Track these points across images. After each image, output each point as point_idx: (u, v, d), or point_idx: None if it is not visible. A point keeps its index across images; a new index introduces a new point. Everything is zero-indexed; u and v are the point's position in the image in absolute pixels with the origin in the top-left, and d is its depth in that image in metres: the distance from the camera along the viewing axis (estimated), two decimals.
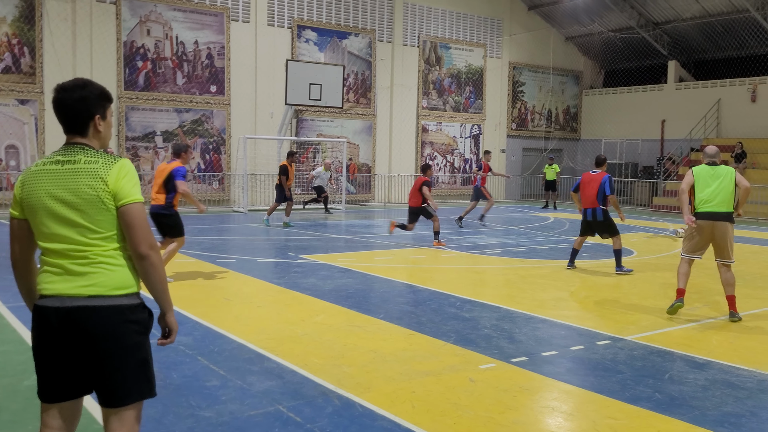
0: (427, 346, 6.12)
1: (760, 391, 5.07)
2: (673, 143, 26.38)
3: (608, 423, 4.45)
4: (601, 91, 29.79)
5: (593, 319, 7.37)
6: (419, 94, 24.81)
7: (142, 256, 2.72)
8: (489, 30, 26.66)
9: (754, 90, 24.32)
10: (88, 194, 2.69)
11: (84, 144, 2.82)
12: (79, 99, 2.79)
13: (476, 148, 26.55)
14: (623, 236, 15.33)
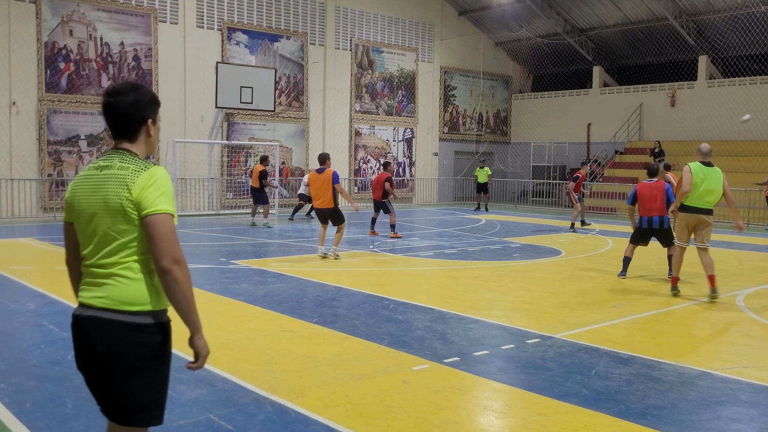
0: (361, 349, 6.11)
1: (681, 383, 5.27)
2: (599, 146, 27.23)
3: (538, 420, 4.54)
4: (530, 95, 30.51)
5: (524, 319, 7.52)
6: (352, 97, 24.84)
7: (165, 270, 2.54)
8: (420, 35, 26.94)
9: (673, 95, 25.36)
10: (114, 202, 2.59)
11: (128, 150, 2.72)
12: (132, 103, 2.69)
13: (409, 152, 26.75)
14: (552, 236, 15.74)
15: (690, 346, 6.42)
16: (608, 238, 15.60)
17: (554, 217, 22.20)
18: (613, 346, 6.33)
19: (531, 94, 30.61)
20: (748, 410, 4.75)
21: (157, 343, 2.65)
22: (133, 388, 2.62)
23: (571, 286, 9.52)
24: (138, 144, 2.74)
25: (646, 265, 11.48)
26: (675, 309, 8.05)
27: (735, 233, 12.97)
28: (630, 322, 7.33)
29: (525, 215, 22.52)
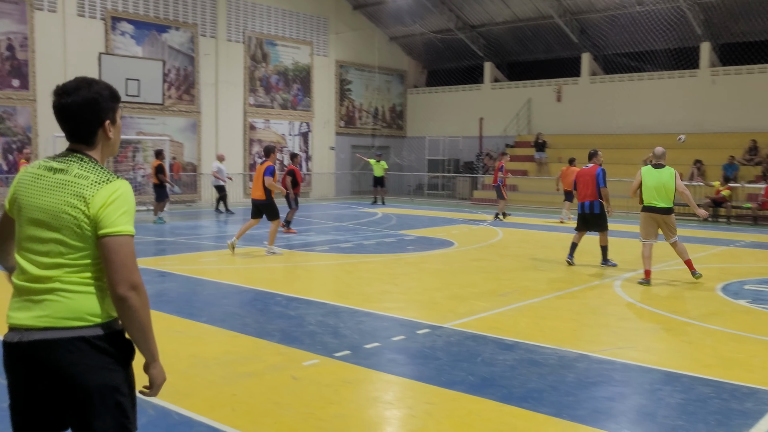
0: (251, 347, 6.01)
1: (561, 366, 5.50)
2: (491, 140, 28.03)
3: (425, 408, 4.62)
4: (424, 90, 30.98)
5: (415, 310, 7.63)
6: (246, 91, 24.37)
7: (120, 297, 2.27)
8: (315, 28, 26.77)
9: (559, 91, 26.45)
10: (65, 214, 2.29)
11: (87, 155, 2.40)
12: (85, 103, 2.37)
13: (305, 146, 26.58)
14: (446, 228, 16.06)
15: (570, 331, 6.72)
16: (499, 229, 16.09)
17: (449, 209, 22.68)
18: (499, 333, 6.53)
19: (425, 88, 31.10)
20: (621, 389, 5.02)
21: (124, 359, 2.39)
22: (102, 414, 2.32)
23: (462, 276, 9.75)
24: (96, 148, 2.43)
25: (534, 254, 11.92)
26: (558, 295, 8.40)
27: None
28: (516, 310, 7.59)
29: (421, 208, 22.88)
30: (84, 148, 2.41)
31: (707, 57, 23.20)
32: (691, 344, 6.26)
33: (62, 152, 2.45)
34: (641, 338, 6.47)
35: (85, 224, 2.28)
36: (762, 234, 16.07)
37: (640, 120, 24.08)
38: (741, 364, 5.60)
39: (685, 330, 6.73)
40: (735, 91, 22.33)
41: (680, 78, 23.62)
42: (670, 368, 5.49)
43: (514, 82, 28.16)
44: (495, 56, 29.00)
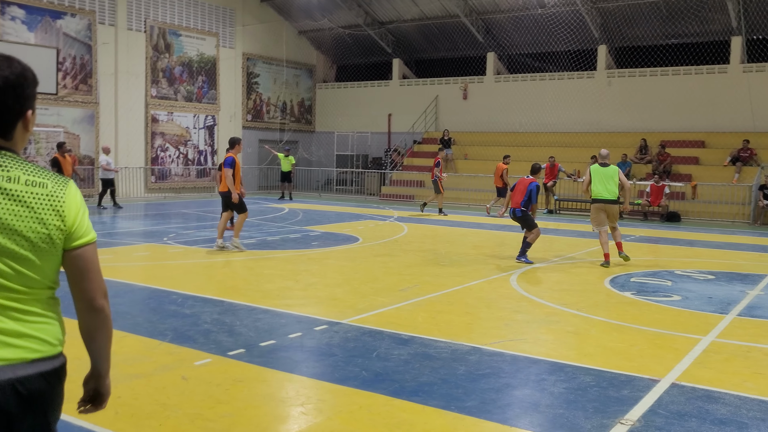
0: (140, 347, 5.82)
1: (453, 359, 5.62)
2: (399, 136, 28.29)
3: (316, 405, 4.61)
4: (333, 85, 30.91)
5: (314, 306, 7.60)
6: (148, 82, 23.57)
7: (99, 308, 2.09)
8: (221, 19, 26.20)
9: (465, 89, 26.99)
10: (36, 232, 1.93)
11: (9, 150, 1.98)
12: (7, 86, 1.92)
13: (211, 140, 25.99)
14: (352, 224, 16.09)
15: (465, 324, 6.87)
16: (405, 224, 16.27)
17: (357, 205, 22.75)
18: (396, 328, 6.60)
19: (335, 83, 31.03)
20: (509, 380, 5.17)
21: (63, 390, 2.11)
22: None
23: (364, 272, 9.79)
24: (15, 142, 2.00)
25: (437, 248, 12.12)
26: (457, 290, 8.58)
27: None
28: (414, 305, 7.68)
29: (329, 204, 22.83)
30: (1, 142, 1.97)
31: (604, 59, 24.25)
32: (577, 335, 6.53)
33: None
34: (531, 330, 6.70)
35: (60, 240, 1.99)
36: (650, 228, 16.97)
37: (542, 118, 24.90)
38: (621, 354, 5.88)
39: (573, 321, 7.01)
40: (628, 93, 23.46)
41: (579, 79, 24.58)
42: (555, 359, 5.71)
43: (422, 79, 28.52)
44: (403, 53, 29.28)
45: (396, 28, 28.17)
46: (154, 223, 15.36)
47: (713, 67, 22.35)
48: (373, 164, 28.30)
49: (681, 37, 23.51)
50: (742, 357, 5.88)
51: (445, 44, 28.14)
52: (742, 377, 5.31)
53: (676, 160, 21.40)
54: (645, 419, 4.37)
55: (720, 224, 18.61)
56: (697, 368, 5.50)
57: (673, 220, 18.97)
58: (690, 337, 6.43)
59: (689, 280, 9.61)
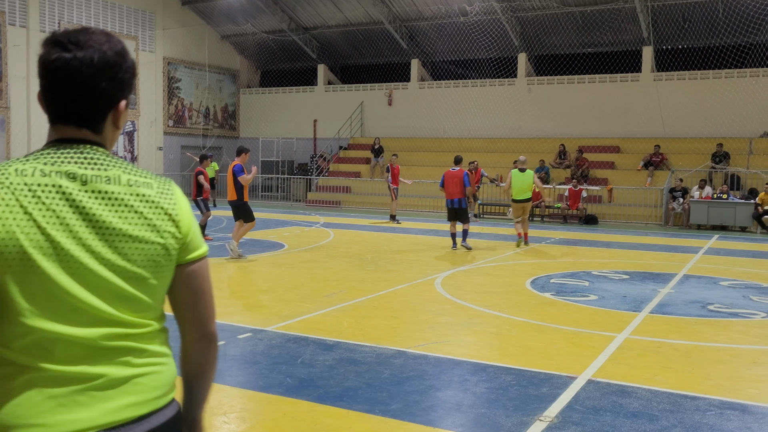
0: None
1: (378, 363, 5.64)
2: (325, 142, 28.26)
3: (239, 414, 4.54)
4: (258, 90, 30.60)
5: (238, 314, 7.49)
6: None
7: (212, 336, 1.72)
8: (140, 22, 25.55)
9: (390, 95, 27.22)
10: (151, 243, 1.54)
11: (101, 146, 1.57)
12: (104, 66, 1.51)
13: (131, 145, 25.27)
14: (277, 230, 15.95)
15: (390, 328, 6.92)
16: (331, 230, 16.25)
17: (283, 211, 22.57)
18: (321, 334, 6.58)
19: (259, 89, 30.73)
20: (433, 382, 5.23)
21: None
22: None
23: (290, 278, 9.72)
24: (106, 138, 1.59)
25: (362, 254, 12.16)
26: (382, 294, 8.62)
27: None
28: (340, 310, 7.68)
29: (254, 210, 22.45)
30: (90, 135, 1.56)
31: (524, 67, 24.94)
32: (498, 336, 6.67)
33: (61, 146, 1.53)
34: (455, 332, 6.80)
35: (175, 252, 1.59)
36: (569, 231, 17.53)
37: (465, 124, 25.38)
38: (540, 353, 6.05)
39: (495, 323, 7.17)
40: (547, 100, 24.20)
41: (500, 86, 25.18)
42: (478, 359, 5.82)
43: (347, 85, 28.59)
44: (328, 59, 29.28)
45: (320, 33, 28.15)
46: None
47: (626, 76, 23.33)
48: (299, 170, 28.15)
49: (596, 46, 24.45)
50: (653, 352, 6.14)
51: (369, 50, 28.30)
52: (653, 372, 5.55)
53: (593, 164, 22.20)
54: (563, 415, 4.51)
55: (634, 226, 19.40)
56: (612, 364, 5.71)
57: (591, 222, 19.65)
58: (605, 335, 6.67)
59: (605, 280, 9.98)
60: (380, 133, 27.01)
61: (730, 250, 14.05)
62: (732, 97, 21.33)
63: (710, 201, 18.67)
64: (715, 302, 8.44)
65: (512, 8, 23.41)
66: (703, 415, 4.59)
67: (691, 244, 15.20)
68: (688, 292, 9.11)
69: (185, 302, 1.67)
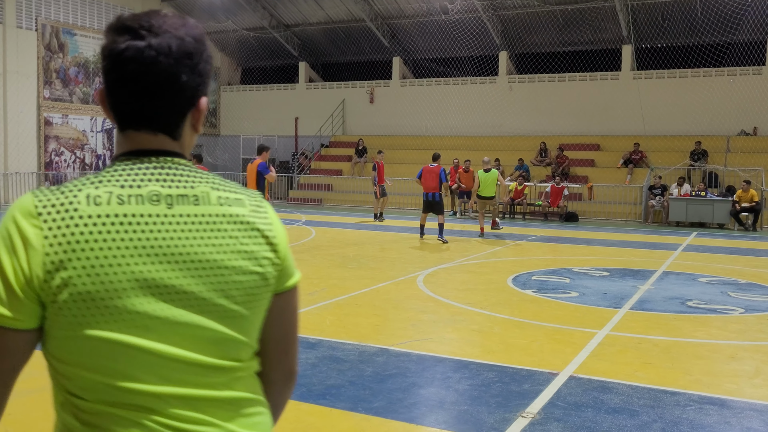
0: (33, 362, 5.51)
1: (360, 361, 5.64)
2: (306, 139, 28.17)
3: None
4: (239, 87, 30.42)
5: None
6: (40, 83, 22.44)
7: (294, 374, 1.47)
8: None
9: (371, 93, 27.18)
10: (246, 272, 1.27)
11: (180, 155, 1.29)
12: (180, 53, 1.24)
13: (110, 143, 25.03)
14: None
15: (372, 326, 6.91)
16: (313, 228, 16.21)
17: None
18: (303, 332, 6.55)
19: (240, 86, 30.55)
20: (415, 379, 5.24)
21: None
22: None
23: None
24: (184, 145, 1.31)
25: (345, 252, 12.14)
26: (364, 292, 8.62)
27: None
28: (322, 308, 7.66)
29: None
30: (168, 142, 1.29)
31: (505, 65, 25.03)
32: (481, 333, 6.69)
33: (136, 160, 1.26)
34: (437, 330, 6.81)
35: (273, 281, 1.32)
36: (550, 228, 17.63)
37: (446, 122, 25.42)
38: (522, 349, 6.08)
39: (477, 320, 7.19)
40: (528, 98, 24.31)
41: (482, 84, 25.25)
42: (460, 356, 5.83)
43: (329, 83, 28.52)
44: (309, 56, 29.18)
45: (302, 31, 28.05)
46: None
47: (606, 74, 23.50)
48: (281, 168, 28.04)
49: (576, 45, 24.60)
50: (633, 348, 6.19)
51: (351, 48, 28.25)
52: (634, 367, 5.60)
53: (574, 162, 22.34)
54: (545, 411, 4.53)
55: (614, 223, 19.56)
56: (593, 360, 5.76)
57: (572, 220, 19.78)
58: (586, 331, 6.72)
59: (586, 277, 10.05)
60: (362, 131, 26.99)
61: (708, 247, 14.21)
62: (710, 95, 21.57)
63: (689, 198, 18.87)
64: (693, 298, 8.54)
65: (493, 6, 23.49)
66: (683, 410, 4.64)
67: (670, 241, 15.35)
68: (667, 288, 9.20)
69: (274, 337, 1.39)
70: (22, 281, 1.14)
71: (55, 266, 1.14)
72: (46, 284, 1.14)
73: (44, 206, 1.17)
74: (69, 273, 1.14)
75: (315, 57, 29.42)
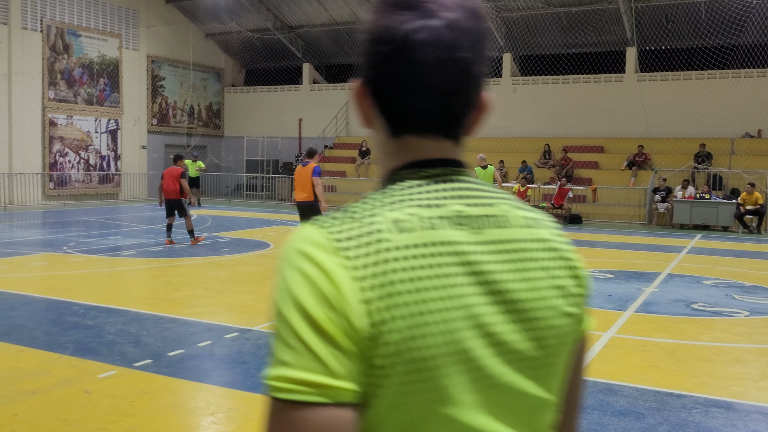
0: (39, 362, 5.54)
1: None
2: (310, 141, 28.14)
3: (227, 414, 4.52)
4: (242, 89, 30.46)
5: (224, 314, 7.46)
6: (45, 84, 22.48)
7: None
8: (124, 20, 25.33)
9: None
10: (561, 314, 0.99)
11: (462, 164, 1.03)
12: (476, 39, 0.97)
13: (114, 144, 25.06)
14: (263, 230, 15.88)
15: None
16: None
17: (268, 210, 22.49)
18: None
19: (244, 87, 30.59)
20: None
21: None
22: None
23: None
24: (463, 152, 1.06)
25: None
26: None
27: None
28: None
29: (239, 209, 22.46)
30: (450, 147, 1.02)
31: (509, 67, 25.01)
32: None
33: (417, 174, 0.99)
34: None
35: (579, 322, 1.04)
36: None
37: None
38: None
39: None
40: (532, 100, 24.29)
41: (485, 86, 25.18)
42: None
43: (333, 84, 28.53)
44: (313, 58, 29.21)
45: (306, 32, 28.08)
46: (53, 232, 14.65)
47: (610, 76, 23.47)
48: (284, 169, 28.05)
49: (581, 47, 24.58)
50: (638, 351, 6.19)
51: (355, 50, 28.20)
52: (639, 370, 5.59)
53: (578, 164, 22.32)
54: None
55: (618, 226, 19.53)
56: (598, 363, 5.75)
57: (575, 222, 19.76)
58: (591, 334, 6.70)
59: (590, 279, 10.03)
60: (366, 133, 26.80)
61: (712, 250, 14.19)
62: (714, 97, 21.53)
63: (693, 201, 18.84)
64: (698, 301, 8.52)
65: (497, 8, 23.49)
66: (689, 412, 4.64)
67: (675, 243, 15.33)
68: (672, 291, 9.19)
69: (572, 393, 1.08)
70: (344, 337, 0.82)
71: (376, 315, 0.83)
72: (369, 342, 0.83)
73: (340, 238, 0.87)
74: (396, 323, 0.84)
75: (319, 58, 29.44)
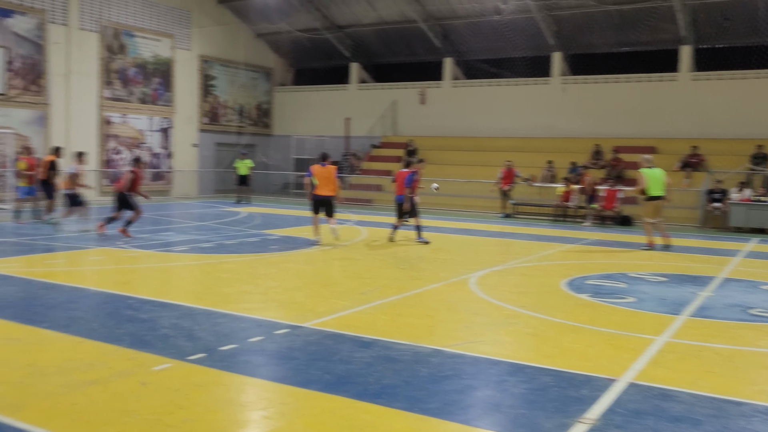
0: (97, 353, 5.69)
1: (415, 362, 5.63)
2: (357, 140, 28.27)
3: (279, 409, 4.57)
4: (291, 88, 30.75)
5: (274, 310, 7.54)
6: (101, 83, 23.09)
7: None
8: (177, 20, 25.84)
9: (422, 94, 27.14)
10: None
11: None
12: None
13: (166, 142, 25.59)
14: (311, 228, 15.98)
15: (426, 327, 6.90)
16: (363, 228, 16.27)
17: None
18: (357, 331, 6.59)
19: (292, 87, 30.88)
20: (471, 381, 5.21)
21: None
22: None
23: (324, 275, 9.77)
24: None
25: (396, 252, 12.15)
26: (416, 293, 8.61)
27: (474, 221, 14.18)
28: (375, 308, 7.69)
29: (287, 207, 22.70)
30: None
31: (558, 66, 24.67)
32: (535, 336, 6.62)
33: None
34: (491, 332, 6.76)
35: None
36: (604, 232, 17.31)
37: (498, 124, 25.21)
38: (579, 354, 5.98)
39: (531, 323, 7.11)
40: (582, 99, 23.91)
41: (534, 85, 24.95)
42: (515, 360, 5.77)
43: (380, 84, 28.58)
44: (361, 57, 29.29)
45: (354, 32, 28.19)
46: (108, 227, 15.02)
47: (663, 76, 22.94)
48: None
49: (633, 45, 24.08)
50: (694, 356, 6.04)
51: (403, 49, 28.26)
52: (695, 376, 5.46)
53: (629, 165, 21.86)
54: (605, 418, 4.45)
55: (670, 228, 19.05)
56: (653, 368, 5.63)
57: (625, 224, 19.37)
58: (644, 338, 6.58)
59: (642, 282, 9.84)
60: (412, 131, 26.95)
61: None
62: None
63: (749, 203, 18.28)
64: (756, 306, 8.27)
65: (547, 6, 23.19)
66: (749, 420, 4.51)
67: (730, 246, 14.91)
68: (728, 295, 8.94)
69: None
70: None
71: None
72: None
73: None
74: None
75: (367, 58, 29.51)
